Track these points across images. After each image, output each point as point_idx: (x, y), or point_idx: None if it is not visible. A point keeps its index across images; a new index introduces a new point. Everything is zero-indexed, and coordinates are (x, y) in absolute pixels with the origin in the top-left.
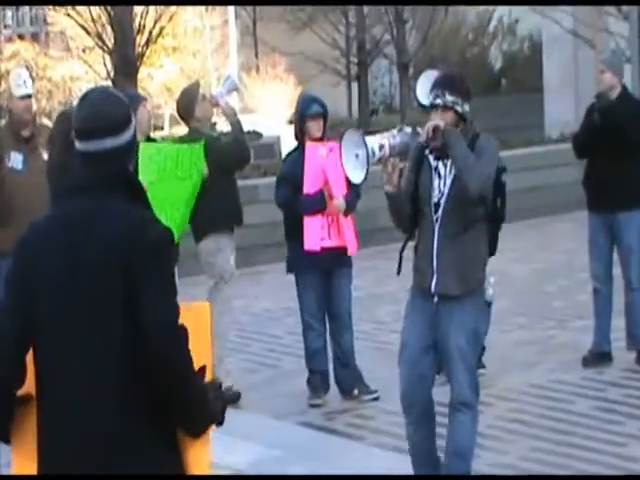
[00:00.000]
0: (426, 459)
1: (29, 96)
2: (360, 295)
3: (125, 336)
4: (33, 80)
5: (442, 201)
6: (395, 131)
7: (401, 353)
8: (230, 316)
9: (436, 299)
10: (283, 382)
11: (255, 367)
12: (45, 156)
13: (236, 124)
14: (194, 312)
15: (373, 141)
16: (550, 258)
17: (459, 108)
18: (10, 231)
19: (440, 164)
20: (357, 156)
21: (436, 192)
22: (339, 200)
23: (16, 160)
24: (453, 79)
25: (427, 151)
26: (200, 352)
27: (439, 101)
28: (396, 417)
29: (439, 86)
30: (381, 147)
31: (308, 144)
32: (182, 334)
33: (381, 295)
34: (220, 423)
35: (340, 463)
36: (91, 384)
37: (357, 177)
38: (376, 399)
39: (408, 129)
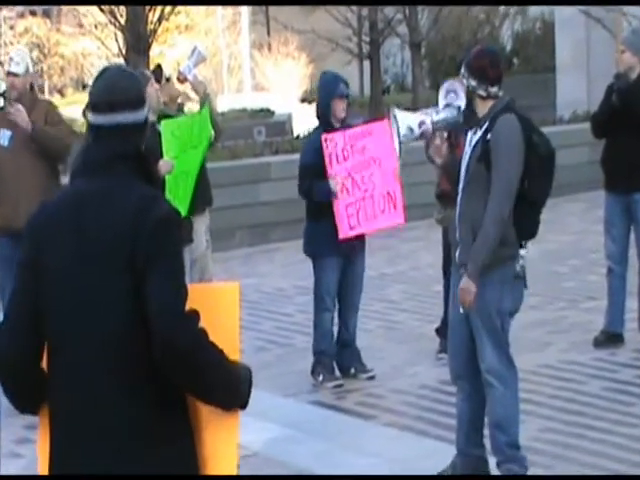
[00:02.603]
0: (467, 429)
1: (14, 74)
2: (371, 274)
3: (135, 318)
4: (33, 62)
5: (462, 176)
6: (440, 107)
7: (449, 324)
8: None
9: (462, 270)
10: (294, 360)
11: (266, 345)
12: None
13: (207, 98)
14: (223, 292)
15: (412, 119)
16: (561, 239)
17: (464, 80)
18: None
19: (469, 136)
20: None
21: (464, 162)
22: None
23: (3, 136)
24: (469, 55)
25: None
26: (227, 332)
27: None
28: (406, 396)
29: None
30: (421, 124)
31: (324, 137)
32: (189, 319)
33: (392, 275)
34: (244, 405)
35: (351, 442)
36: (100, 370)
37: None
38: (372, 377)
39: (456, 104)
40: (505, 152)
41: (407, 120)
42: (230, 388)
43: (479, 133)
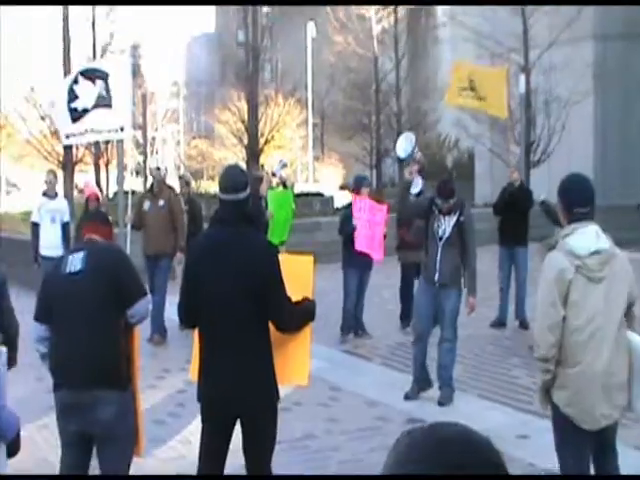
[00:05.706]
0: (420, 367)
1: (157, 168)
2: (372, 284)
3: (258, 310)
4: (165, 170)
5: (444, 236)
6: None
7: (415, 309)
8: None
9: (437, 285)
10: (331, 326)
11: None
12: (161, 203)
13: (292, 187)
14: (300, 263)
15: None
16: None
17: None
18: (146, 242)
19: (442, 217)
20: (406, 149)
21: (440, 230)
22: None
23: (146, 205)
24: (445, 189)
25: (435, 207)
26: (303, 289)
27: (446, 205)
28: (389, 348)
29: (439, 197)
30: (414, 149)
31: (356, 197)
32: (293, 312)
33: (386, 285)
34: (312, 319)
35: (358, 370)
36: (242, 334)
37: (402, 153)
38: (370, 337)
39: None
40: (472, 226)
41: (413, 141)
42: (308, 320)
43: (454, 217)
